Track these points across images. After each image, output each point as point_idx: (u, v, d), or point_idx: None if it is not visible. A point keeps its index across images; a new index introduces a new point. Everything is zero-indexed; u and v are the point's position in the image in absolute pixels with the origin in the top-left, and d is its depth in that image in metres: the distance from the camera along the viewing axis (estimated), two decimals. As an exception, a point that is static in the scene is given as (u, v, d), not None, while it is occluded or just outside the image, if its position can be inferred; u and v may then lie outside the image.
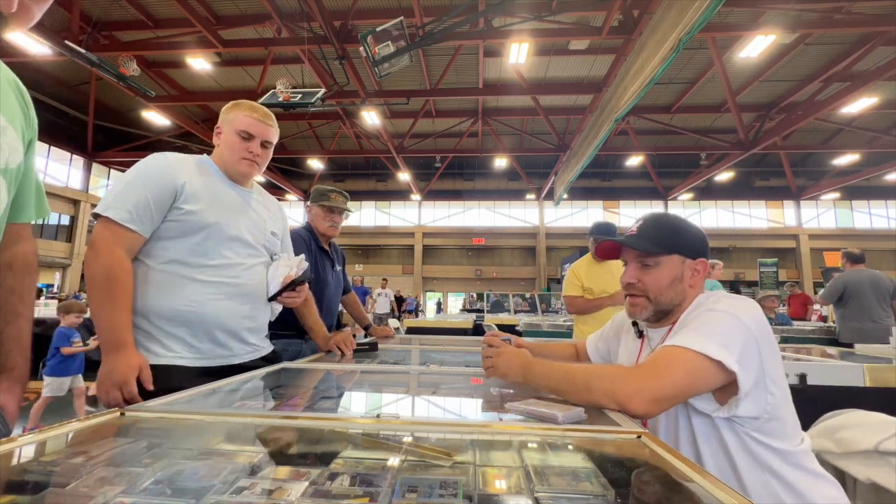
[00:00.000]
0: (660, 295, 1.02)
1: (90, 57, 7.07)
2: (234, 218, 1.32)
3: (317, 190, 2.28)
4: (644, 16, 7.69)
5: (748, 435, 0.88)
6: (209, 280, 1.25)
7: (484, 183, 20.90)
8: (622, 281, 1.08)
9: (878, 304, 4.04)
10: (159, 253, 1.23)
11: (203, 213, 1.25)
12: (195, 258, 1.24)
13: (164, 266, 1.22)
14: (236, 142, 1.34)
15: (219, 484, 0.51)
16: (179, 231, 1.23)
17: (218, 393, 1.04)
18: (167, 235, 1.23)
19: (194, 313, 1.23)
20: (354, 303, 2.64)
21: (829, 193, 17.89)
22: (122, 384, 1.08)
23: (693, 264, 1.04)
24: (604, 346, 1.32)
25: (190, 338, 1.23)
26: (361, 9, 8.92)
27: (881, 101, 11.09)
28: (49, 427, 0.67)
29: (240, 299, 1.31)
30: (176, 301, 1.21)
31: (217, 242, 1.27)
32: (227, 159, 1.36)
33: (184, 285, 1.23)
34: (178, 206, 1.23)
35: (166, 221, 1.22)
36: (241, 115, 1.35)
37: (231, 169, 1.37)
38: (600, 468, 0.60)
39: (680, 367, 0.85)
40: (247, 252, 1.34)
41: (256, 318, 1.38)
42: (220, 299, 1.27)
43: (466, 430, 0.77)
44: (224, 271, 1.28)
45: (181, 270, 1.23)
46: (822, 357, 2.34)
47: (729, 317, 0.89)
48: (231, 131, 1.35)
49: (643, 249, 1.03)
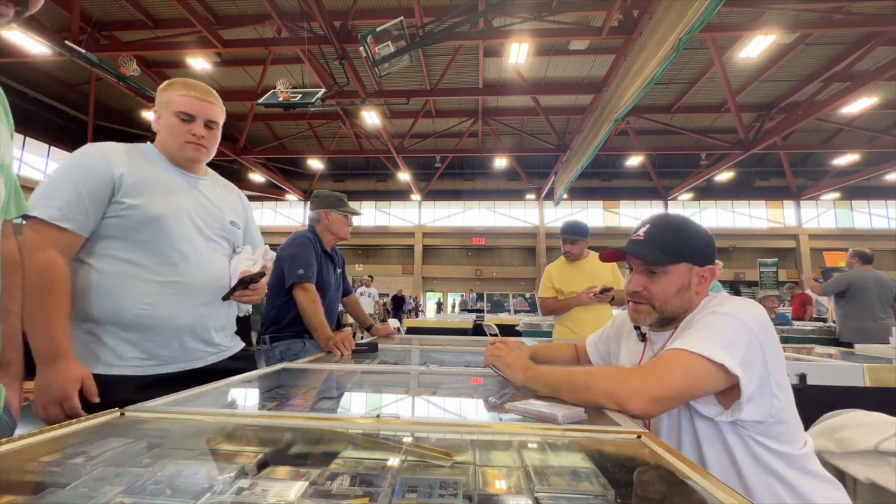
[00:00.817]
0: (665, 304, 0.99)
1: (90, 57, 7.07)
2: (185, 209, 1.21)
3: (332, 196, 2.27)
4: (644, 16, 7.69)
5: (752, 439, 0.88)
6: (164, 279, 1.15)
7: (484, 183, 20.89)
8: (627, 289, 1.05)
9: (879, 304, 4.05)
10: (104, 252, 1.12)
11: (148, 206, 1.14)
12: (146, 256, 1.14)
13: (110, 266, 1.12)
14: (176, 125, 1.22)
15: (219, 484, 0.51)
16: (124, 227, 1.12)
17: (218, 393, 1.04)
18: (110, 233, 1.12)
19: (150, 316, 1.12)
20: (355, 304, 2.66)
21: (829, 193, 17.88)
22: (63, 399, 0.98)
23: (701, 271, 1.00)
24: (604, 346, 1.32)
25: (146, 343, 1.13)
26: (361, 9, 8.92)
27: (881, 101, 11.08)
28: (49, 427, 0.67)
29: (199, 297, 1.20)
30: (128, 304, 1.11)
31: (168, 237, 1.16)
32: (169, 145, 1.24)
33: (135, 286, 1.12)
34: (119, 199, 1.11)
35: (107, 218, 1.12)
36: (176, 96, 1.23)
37: (175, 155, 1.25)
38: (600, 468, 0.60)
39: (681, 369, 0.85)
40: (205, 245, 1.23)
41: (218, 315, 1.27)
42: (178, 298, 1.16)
43: (466, 430, 0.77)
44: (179, 268, 1.17)
45: (131, 270, 1.12)
46: (822, 357, 2.34)
47: (732, 319, 0.88)
48: (169, 114, 1.23)
49: (651, 260, 0.99)
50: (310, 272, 2.06)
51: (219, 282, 1.25)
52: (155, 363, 1.14)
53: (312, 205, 2.31)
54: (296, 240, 2.18)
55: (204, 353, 1.23)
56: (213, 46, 9.31)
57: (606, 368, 1.05)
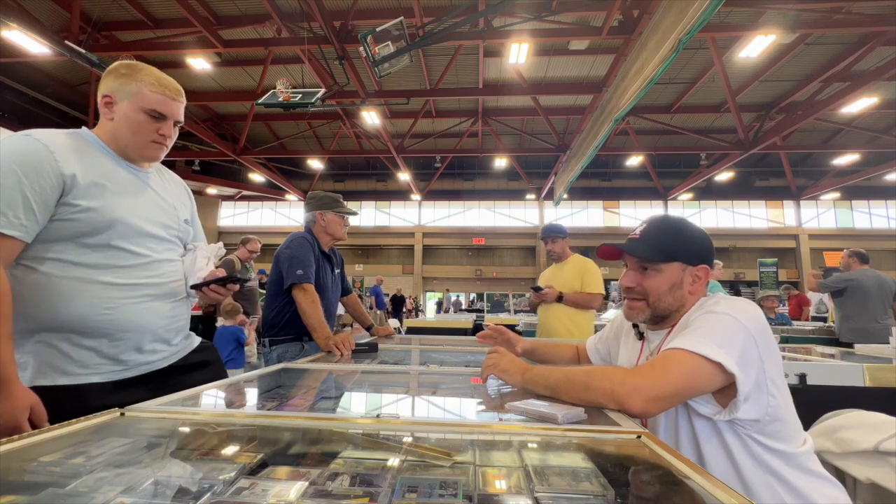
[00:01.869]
0: (658, 300, 1.02)
1: (90, 57, 7.07)
2: (140, 209, 1.13)
3: (327, 197, 2.27)
4: (644, 16, 7.69)
5: (750, 437, 0.88)
6: (122, 282, 1.08)
7: (484, 183, 20.89)
8: (621, 284, 1.08)
9: (880, 304, 4.04)
10: (55, 257, 1.03)
11: (105, 209, 1.05)
12: (101, 259, 1.06)
13: (62, 271, 1.02)
14: (144, 122, 1.12)
15: (219, 484, 0.51)
16: (76, 231, 1.03)
17: (218, 393, 1.04)
18: (60, 236, 1.02)
19: (110, 321, 1.06)
20: (355, 303, 2.66)
21: (829, 193, 17.88)
22: (13, 430, 0.90)
23: (694, 271, 1.03)
24: (603, 347, 1.33)
25: (108, 349, 1.07)
26: (361, 9, 8.92)
27: (881, 101, 11.08)
28: (49, 427, 0.67)
29: (160, 299, 1.16)
30: (86, 310, 1.03)
31: (125, 239, 1.09)
32: (128, 140, 1.13)
33: (92, 291, 1.04)
34: (70, 202, 1.02)
35: (56, 221, 1.01)
36: (148, 91, 1.13)
37: (133, 152, 1.15)
38: (600, 468, 0.60)
39: (679, 368, 0.86)
40: (161, 247, 1.18)
41: (179, 316, 1.23)
42: (138, 302, 1.11)
43: (466, 430, 0.77)
44: (138, 271, 1.11)
45: (86, 274, 1.04)
46: (822, 357, 2.34)
47: (728, 318, 0.89)
48: (135, 108, 1.12)
49: (643, 257, 1.03)
50: (308, 273, 2.05)
51: (177, 282, 1.21)
52: (119, 368, 1.10)
53: (307, 206, 2.30)
54: (294, 241, 2.17)
55: (166, 353, 1.20)
56: (213, 46, 9.31)
57: (605, 368, 1.05)
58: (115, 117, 1.13)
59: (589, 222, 20.54)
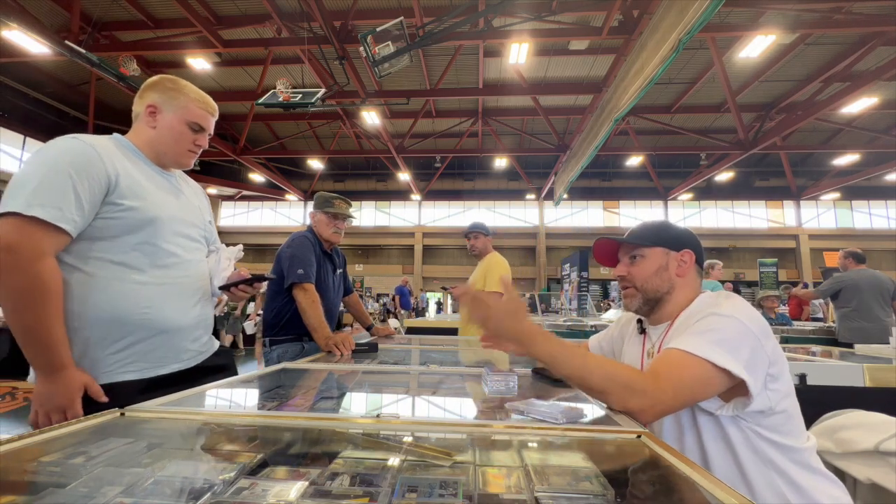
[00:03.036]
0: (646, 283, 1.09)
1: (90, 57, 7.07)
2: (175, 210, 1.20)
3: (321, 196, 2.28)
4: (644, 16, 7.69)
5: (752, 430, 0.89)
6: (159, 282, 1.13)
7: (484, 183, 20.89)
8: (615, 274, 1.17)
9: (878, 304, 4.04)
10: (98, 256, 1.07)
11: (145, 208, 1.11)
12: (141, 258, 1.11)
13: (103, 270, 1.07)
14: (186, 133, 1.23)
15: (219, 484, 0.51)
16: (119, 229, 1.08)
17: (218, 393, 1.04)
18: (103, 235, 1.07)
19: (148, 320, 1.11)
20: (356, 303, 2.66)
21: (829, 193, 17.88)
22: (67, 408, 0.97)
23: (678, 255, 1.10)
24: (608, 345, 1.35)
25: (143, 347, 1.11)
26: (361, 9, 8.92)
27: (881, 101, 11.09)
28: (49, 427, 0.67)
29: (191, 299, 1.21)
30: (123, 308, 1.08)
31: (162, 239, 1.14)
32: (166, 148, 1.22)
33: (132, 290, 1.09)
34: (114, 201, 1.07)
35: (100, 219, 1.06)
36: (193, 106, 1.23)
37: (169, 159, 1.24)
38: (600, 468, 0.60)
39: (690, 377, 0.86)
40: (192, 247, 1.24)
41: (206, 316, 1.28)
42: (173, 301, 1.16)
43: (466, 430, 0.77)
44: (173, 271, 1.16)
45: (125, 274, 1.09)
46: (822, 357, 2.34)
47: (735, 322, 0.90)
48: (179, 119, 1.22)
49: (631, 241, 1.13)
50: (309, 272, 2.05)
51: (204, 282, 1.26)
52: (152, 366, 1.13)
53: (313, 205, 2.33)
54: (295, 240, 2.17)
55: (194, 353, 1.24)
56: (213, 46, 9.31)
57: (621, 372, 0.90)
58: (158, 126, 1.21)
59: (589, 222, 20.54)
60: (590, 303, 8.89)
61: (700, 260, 1.11)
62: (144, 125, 1.22)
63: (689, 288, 1.08)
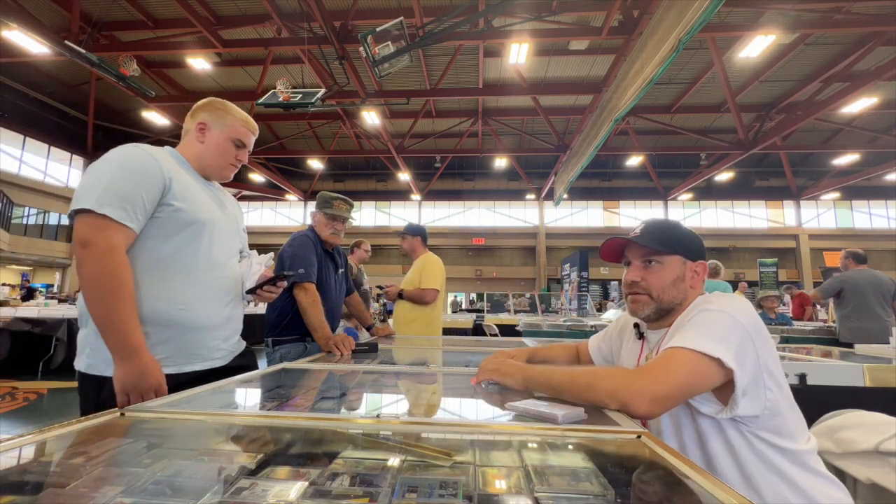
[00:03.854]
0: (663, 293, 1.04)
1: (90, 57, 7.07)
2: (216, 216, 1.28)
3: (322, 196, 2.28)
4: (644, 16, 7.69)
5: (753, 434, 0.89)
6: (197, 281, 1.20)
7: (484, 183, 20.90)
8: (626, 280, 1.09)
9: (878, 304, 4.04)
10: (146, 253, 1.15)
11: (191, 210, 1.20)
12: (183, 258, 1.18)
13: (150, 266, 1.15)
14: (229, 148, 1.35)
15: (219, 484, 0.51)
16: (166, 229, 1.17)
17: (218, 393, 1.04)
18: (152, 234, 1.16)
19: (186, 316, 1.17)
20: (357, 303, 2.66)
21: (829, 193, 17.89)
22: (159, 386, 1.06)
23: (693, 266, 1.06)
24: (606, 346, 1.33)
25: (180, 343, 1.17)
26: (361, 9, 8.92)
27: (881, 101, 11.09)
28: (49, 427, 0.67)
29: (225, 299, 1.29)
30: (164, 304, 1.14)
31: (203, 241, 1.22)
32: (211, 161, 1.34)
33: (172, 287, 1.16)
34: (167, 202, 1.16)
35: (153, 218, 1.16)
36: (238, 125, 1.36)
37: (213, 171, 1.36)
38: (600, 468, 0.60)
39: (680, 366, 0.86)
40: (228, 251, 1.33)
41: (237, 317, 1.36)
42: (210, 300, 1.23)
43: (466, 430, 0.77)
44: (211, 272, 1.24)
45: (168, 273, 1.16)
46: (822, 357, 2.34)
47: (724, 315, 0.90)
48: (225, 137, 1.34)
49: (650, 245, 1.05)
50: (310, 272, 2.05)
51: (237, 285, 1.35)
52: (187, 362, 1.19)
53: None
54: (296, 239, 2.17)
55: (225, 352, 1.31)
56: (213, 46, 9.31)
57: (608, 369, 1.04)
58: (207, 142, 1.34)
59: (589, 222, 20.54)
60: (590, 303, 8.89)
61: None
62: (194, 140, 1.34)
63: (695, 293, 1.06)
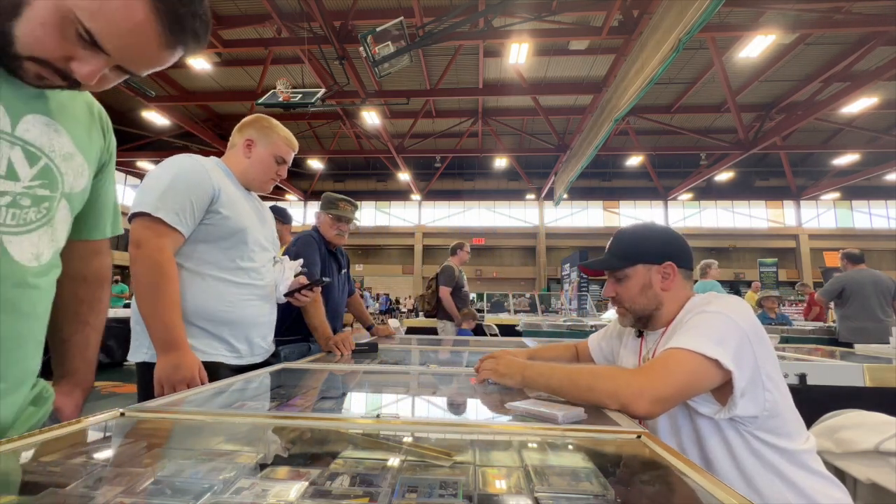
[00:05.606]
0: (633, 304, 1.09)
1: (90, 57, 7.06)
2: (255, 223, 1.40)
3: (326, 197, 2.29)
4: (644, 16, 7.69)
5: (751, 434, 0.89)
6: (241, 283, 1.33)
7: (484, 183, 20.90)
8: (603, 294, 1.16)
9: (878, 303, 4.04)
10: (195, 256, 1.27)
11: (236, 218, 1.31)
12: (228, 261, 1.31)
13: (199, 268, 1.27)
14: (272, 164, 1.45)
15: (219, 484, 0.51)
16: (214, 235, 1.28)
17: (218, 393, 1.05)
18: (202, 238, 1.27)
19: (230, 315, 1.30)
20: (358, 304, 2.67)
21: (829, 193, 17.89)
22: (191, 380, 1.13)
23: (660, 269, 1.07)
24: (607, 345, 1.33)
25: (229, 338, 1.30)
26: (361, 9, 8.92)
27: (881, 101, 11.09)
28: (49, 427, 0.67)
29: (264, 301, 1.40)
30: (213, 303, 1.27)
31: (246, 247, 1.34)
32: (254, 175, 1.44)
33: (219, 288, 1.29)
34: (216, 209, 1.27)
35: (203, 225, 1.27)
36: (281, 143, 1.46)
37: (255, 184, 1.46)
38: (600, 468, 0.60)
39: (679, 367, 0.86)
40: (265, 257, 1.43)
41: (273, 318, 1.48)
42: (251, 301, 1.35)
43: (466, 430, 0.77)
44: (252, 275, 1.36)
45: (215, 273, 1.28)
46: (822, 357, 2.34)
47: (722, 317, 0.91)
48: (269, 153, 1.44)
49: (608, 268, 1.12)
50: (313, 271, 2.06)
51: (272, 288, 1.46)
52: (235, 355, 1.32)
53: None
54: (300, 239, 2.20)
55: (263, 350, 1.42)
56: (213, 46, 9.32)
57: (608, 368, 1.05)
58: (252, 157, 1.44)
59: (589, 222, 20.55)
60: (590, 303, 8.89)
61: (685, 265, 1.08)
62: (241, 155, 1.44)
63: (677, 297, 1.06)
